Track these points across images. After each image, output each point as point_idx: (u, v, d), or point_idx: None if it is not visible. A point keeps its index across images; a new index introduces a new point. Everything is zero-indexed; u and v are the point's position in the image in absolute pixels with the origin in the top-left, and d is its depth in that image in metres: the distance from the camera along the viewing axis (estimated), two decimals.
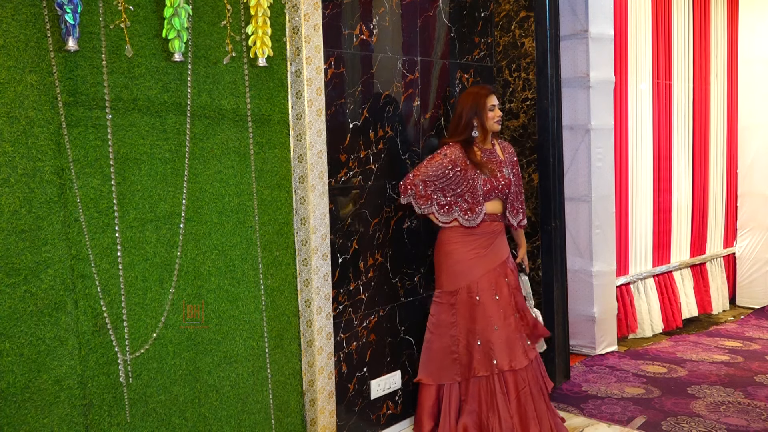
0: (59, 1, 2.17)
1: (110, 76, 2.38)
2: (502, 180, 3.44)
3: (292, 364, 3.09)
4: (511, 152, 3.61)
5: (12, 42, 2.16)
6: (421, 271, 3.76)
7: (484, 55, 4.09)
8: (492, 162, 3.44)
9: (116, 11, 2.38)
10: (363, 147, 3.38)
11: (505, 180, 3.46)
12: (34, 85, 2.21)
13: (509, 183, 3.48)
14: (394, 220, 3.58)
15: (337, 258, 3.26)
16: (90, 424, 2.39)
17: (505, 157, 3.52)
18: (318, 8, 2.99)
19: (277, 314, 3.00)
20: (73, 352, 2.34)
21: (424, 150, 3.71)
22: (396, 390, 3.62)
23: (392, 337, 3.60)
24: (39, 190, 2.24)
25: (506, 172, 3.47)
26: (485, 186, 3.38)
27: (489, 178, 3.39)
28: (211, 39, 2.68)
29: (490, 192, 3.41)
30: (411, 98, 3.64)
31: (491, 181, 3.39)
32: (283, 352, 3.04)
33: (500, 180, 3.43)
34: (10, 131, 2.17)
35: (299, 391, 3.12)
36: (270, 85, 2.91)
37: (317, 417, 3.12)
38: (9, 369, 2.20)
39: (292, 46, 2.97)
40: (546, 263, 4.09)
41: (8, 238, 2.18)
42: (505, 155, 3.54)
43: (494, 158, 3.47)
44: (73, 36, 2.21)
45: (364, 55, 3.35)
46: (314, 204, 3.05)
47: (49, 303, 2.28)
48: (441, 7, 3.78)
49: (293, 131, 3.02)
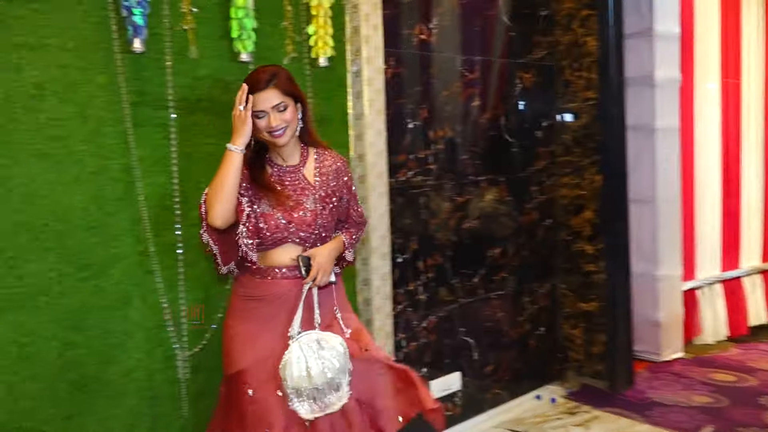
0: (127, 4, 2.24)
1: (175, 77, 2.44)
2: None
3: None
4: (336, 169, 2.36)
5: (83, 44, 2.24)
6: (480, 272, 3.73)
7: (545, 54, 4.04)
8: (287, 187, 2.28)
9: (181, 14, 2.44)
10: (422, 147, 3.38)
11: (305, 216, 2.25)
12: (103, 85, 2.29)
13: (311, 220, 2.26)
14: (454, 220, 3.56)
15: (396, 258, 3.27)
16: (156, 416, 2.44)
17: (319, 179, 2.31)
18: (378, 8, 3.01)
19: None
20: (141, 345, 2.40)
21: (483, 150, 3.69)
22: (455, 391, 3.60)
23: (451, 339, 3.58)
24: (108, 187, 2.31)
25: (310, 204, 2.27)
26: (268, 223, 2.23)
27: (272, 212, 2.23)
28: (271, 40, 2.72)
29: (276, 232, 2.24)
30: (470, 98, 3.62)
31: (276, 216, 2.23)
32: None
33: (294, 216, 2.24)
34: (81, 131, 2.25)
35: None
36: (330, 85, 2.94)
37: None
38: (80, 360, 2.27)
39: (352, 46, 2.99)
40: (609, 266, 4.01)
41: (79, 234, 2.25)
42: (322, 176, 2.32)
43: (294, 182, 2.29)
44: (140, 37, 2.28)
45: (424, 54, 3.35)
46: (374, 204, 3.06)
47: (117, 298, 2.34)
48: (501, 6, 3.75)
49: (353, 131, 3.04)
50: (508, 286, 3.90)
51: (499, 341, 3.87)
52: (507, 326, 3.91)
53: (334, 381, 2.13)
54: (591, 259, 4.05)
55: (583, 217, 4.11)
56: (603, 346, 4.10)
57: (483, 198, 3.73)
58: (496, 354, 3.84)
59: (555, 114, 4.14)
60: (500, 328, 3.87)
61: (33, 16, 2.14)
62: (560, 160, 4.15)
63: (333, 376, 2.13)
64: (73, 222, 2.24)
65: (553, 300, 4.21)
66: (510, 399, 3.93)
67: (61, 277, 2.22)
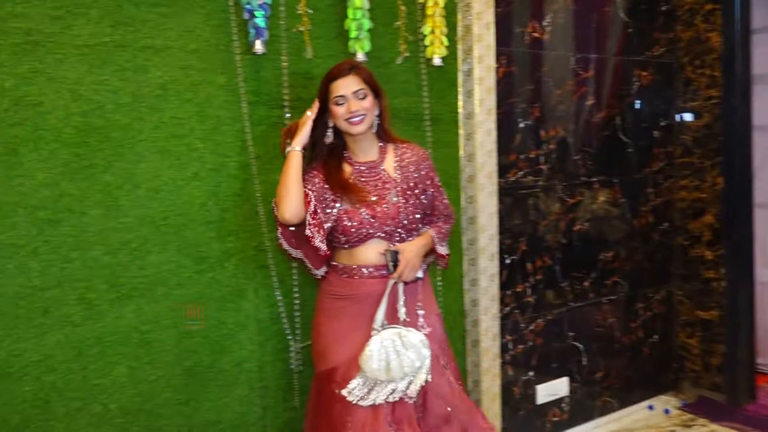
0: (249, 7, 2.32)
1: (290, 77, 2.50)
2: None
3: (457, 363, 3.08)
4: (416, 160, 2.34)
5: (204, 46, 2.33)
6: (591, 276, 3.63)
7: (664, 51, 3.88)
8: (368, 183, 2.29)
9: (298, 15, 2.50)
10: (533, 146, 3.32)
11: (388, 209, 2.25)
12: (222, 86, 2.38)
13: (394, 213, 2.25)
14: (565, 222, 3.48)
15: (504, 259, 3.23)
16: (266, 406, 2.52)
17: (400, 172, 2.31)
18: (490, 6, 2.98)
19: (443, 313, 3.00)
20: (253, 337, 2.48)
21: (595, 150, 3.59)
22: (563, 397, 3.52)
23: (560, 343, 3.51)
24: (225, 184, 2.40)
25: (393, 197, 2.27)
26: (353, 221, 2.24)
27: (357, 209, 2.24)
28: (384, 39, 2.74)
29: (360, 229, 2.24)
30: (584, 97, 3.53)
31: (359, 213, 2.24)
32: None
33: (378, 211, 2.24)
34: (201, 129, 2.34)
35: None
36: (441, 84, 2.94)
37: None
38: (195, 349, 2.37)
39: (464, 45, 2.98)
40: (730, 273, 3.82)
41: (197, 228, 2.35)
42: (403, 169, 2.31)
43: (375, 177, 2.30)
44: (261, 39, 2.36)
45: (536, 52, 3.30)
46: (483, 203, 3.04)
47: (232, 290, 2.43)
48: (618, 2, 3.64)
49: (463, 130, 3.03)
50: (620, 291, 3.78)
51: (610, 347, 3.76)
52: (618, 332, 3.79)
53: (408, 377, 2.16)
54: (711, 266, 3.86)
55: (703, 221, 3.92)
56: (722, 357, 3.91)
57: (595, 199, 3.63)
58: (606, 360, 3.73)
59: (674, 113, 3.97)
60: (611, 334, 3.76)
61: (159, 19, 2.25)
62: (679, 162, 3.99)
63: (409, 372, 2.15)
64: (192, 216, 2.34)
65: (669, 307, 4.05)
66: (620, 408, 3.82)
67: (179, 268, 2.33)
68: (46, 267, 2.10)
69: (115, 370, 2.23)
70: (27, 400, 2.09)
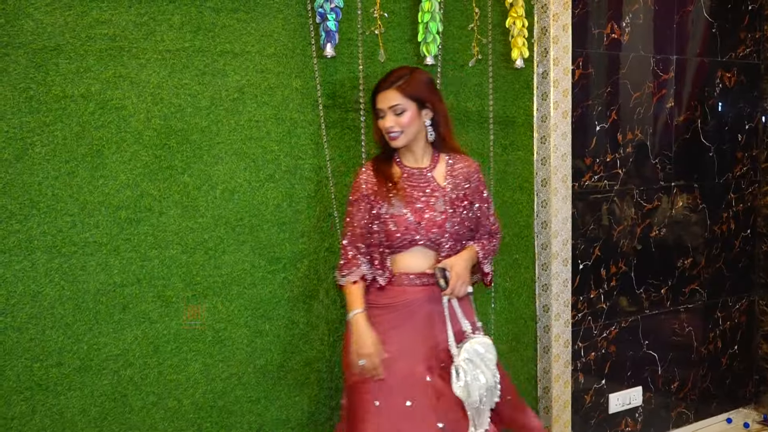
0: (321, 11, 2.34)
1: (365, 80, 2.51)
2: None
3: (527, 369, 3.05)
4: (468, 172, 2.28)
5: (281, 50, 2.37)
6: (668, 284, 3.52)
7: (750, 51, 3.74)
8: (416, 188, 2.23)
9: (372, 18, 2.51)
10: (609, 150, 3.25)
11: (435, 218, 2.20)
12: (298, 89, 2.41)
13: (441, 221, 2.20)
14: (641, 228, 3.40)
15: (578, 264, 3.17)
16: (335, 407, 2.54)
17: (450, 181, 2.25)
18: (568, 8, 2.93)
19: (514, 317, 2.98)
20: (323, 338, 2.51)
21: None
22: (636, 407, 3.43)
23: (634, 351, 3.42)
24: (299, 186, 2.43)
25: (440, 206, 2.22)
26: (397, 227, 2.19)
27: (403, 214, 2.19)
28: (458, 42, 2.73)
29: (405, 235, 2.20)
30: (664, 99, 3.43)
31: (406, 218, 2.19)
32: (519, 356, 3.01)
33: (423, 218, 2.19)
34: (276, 131, 2.38)
35: (534, 396, 3.07)
36: (515, 86, 2.90)
37: (551, 425, 3.05)
38: (267, 348, 2.41)
39: (540, 47, 2.93)
40: None
41: (271, 229, 2.39)
42: (453, 179, 2.26)
43: (423, 183, 2.24)
44: (332, 43, 2.37)
45: (614, 54, 3.22)
46: (556, 208, 2.99)
47: (303, 291, 2.46)
48: (702, 1, 3.52)
49: (537, 133, 2.98)
50: (698, 300, 3.66)
51: (687, 357, 3.64)
52: (696, 342, 3.67)
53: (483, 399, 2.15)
54: None
55: None
56: None
57: (674, 205, 3.52)
58: (682, 371, 3.62)
59: (760, 116, 3.82)
60: (688, 344, 3.64)
61: (237, 25, 2.29)
62: (764, 166, 3.83)
63: (492, 380, 2.17)
64: (266, 217, 2.38)
65: (750, 317, 3.90)
66: (696, 420, 3.70)
67: (253, 268, 2.37)
68: (125, 265, 2.17)
69: (190, 367, 2.29)
70: (105, 393, 2.17)
